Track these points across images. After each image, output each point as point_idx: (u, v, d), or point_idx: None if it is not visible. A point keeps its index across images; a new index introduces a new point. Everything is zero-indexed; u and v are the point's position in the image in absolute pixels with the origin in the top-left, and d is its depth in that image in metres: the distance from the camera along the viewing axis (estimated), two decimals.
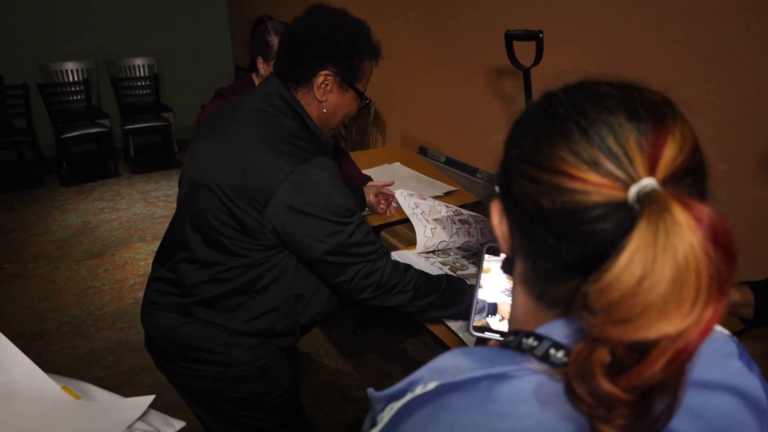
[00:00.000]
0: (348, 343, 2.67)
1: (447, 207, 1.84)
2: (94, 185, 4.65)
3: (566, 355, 0.43)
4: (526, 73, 1.52)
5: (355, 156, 2.47)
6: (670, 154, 0.40)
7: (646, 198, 0.38)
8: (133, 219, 4.03)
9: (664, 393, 0.38)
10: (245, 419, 1.33)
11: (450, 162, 1.47)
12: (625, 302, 0.36)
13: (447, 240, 1.66)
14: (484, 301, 0.78)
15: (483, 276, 0.79)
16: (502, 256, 0.75)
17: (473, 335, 0.77)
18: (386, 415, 0.47)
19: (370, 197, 1.84)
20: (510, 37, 1.51)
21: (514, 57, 1.54)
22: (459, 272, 1.54)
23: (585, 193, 0.40)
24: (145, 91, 5.12)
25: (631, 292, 0.36)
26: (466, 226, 1.73)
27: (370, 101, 1.29)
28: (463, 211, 1.87)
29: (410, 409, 0.45)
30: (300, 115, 1.20)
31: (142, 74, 5.25)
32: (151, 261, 1.36)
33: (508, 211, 0.50)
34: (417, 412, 0.44)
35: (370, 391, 0.52)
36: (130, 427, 0.90)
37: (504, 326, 0.78)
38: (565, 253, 0.43)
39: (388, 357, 2.59)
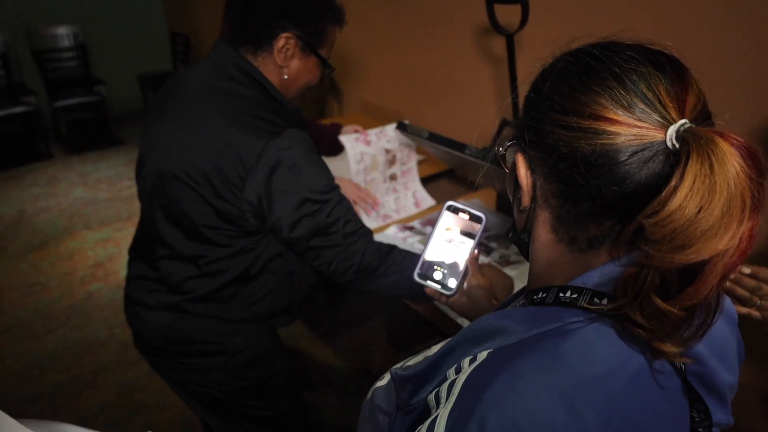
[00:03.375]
0: (323, 322, 2.60)
1: (385, 155, 1.85)
2: (26, 169, 4.27)
3: (610, 301, 0.47)
4: (510, 39, 1.43)
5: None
6: (693, 101, 0.45)
7: (688, 135, 0.41)
8: (75, 204, 3.74)
9: (705, 305, 0.43)
10: (251, 410, 1.29)
11: (434, 138, 1.38)
12: (684, 231, 0.39)
13: (381, 197, 1.78)
14: (442, 262, 0.81)
15: (438, 233, 0.80)
16: (483, 220, 0.77)
17: (416, 281, 0.80)
18: (444, 395, 0.48)
19: None
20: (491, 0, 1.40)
21: (496, 21, 1.45)
22: None
23: (623, 136, 0.43)
24: (72, 63, 4.69)
25: (690, 221, 0.39)
26: (393, 183, 1.83)
27: (334, 70, 1.20)
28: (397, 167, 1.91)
29: (477, 382, 0.46)
30: (261, 84, 1.11)
31: (68, 44, 4.79)
32: (100, 250, 1.25)
33: (536, 162, 0.51)
34: (491, 384, 0.45)
35: (395, 371, 0.55)
36: None
37: (447, 280, 0.80)
38: (603, 194, 0.45)
39: (366, 333, 2.53)
